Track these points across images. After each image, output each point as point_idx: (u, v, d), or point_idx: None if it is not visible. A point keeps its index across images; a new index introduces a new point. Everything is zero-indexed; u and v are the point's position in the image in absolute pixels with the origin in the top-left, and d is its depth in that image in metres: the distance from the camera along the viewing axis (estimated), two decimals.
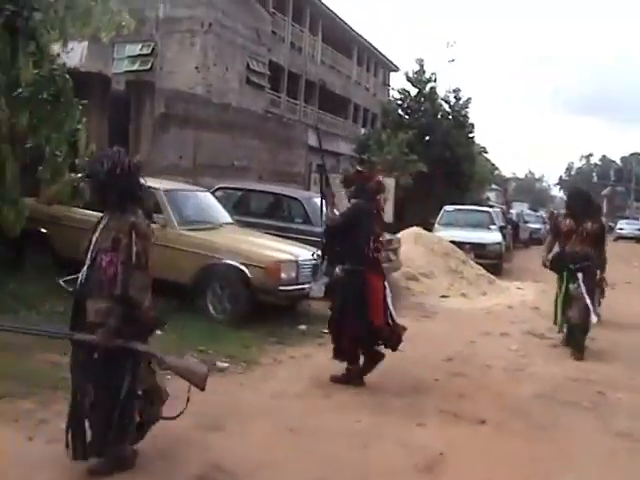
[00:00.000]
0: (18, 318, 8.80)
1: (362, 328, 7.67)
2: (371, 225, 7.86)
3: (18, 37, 9.00)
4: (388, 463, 5.84)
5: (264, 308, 10.33)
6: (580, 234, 10.17)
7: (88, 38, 10.14)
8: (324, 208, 7.99)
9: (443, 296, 14.96)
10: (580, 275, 9.99)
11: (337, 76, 44.41)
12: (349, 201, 8.01)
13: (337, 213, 7.97)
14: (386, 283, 8.01)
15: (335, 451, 5.95)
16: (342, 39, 43.85)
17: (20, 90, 9.13)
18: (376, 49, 50.45)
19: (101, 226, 5.04)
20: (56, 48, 9.90)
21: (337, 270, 7.98)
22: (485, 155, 47.94)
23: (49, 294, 9.93)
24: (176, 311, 9.92)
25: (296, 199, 14.21)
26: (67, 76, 9.63)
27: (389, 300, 7.93)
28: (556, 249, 10.75)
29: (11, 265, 10.80)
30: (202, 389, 5.40)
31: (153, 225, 10.23)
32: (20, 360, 7.39)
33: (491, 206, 31.40)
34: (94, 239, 5.04)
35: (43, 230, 11.23)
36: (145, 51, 29.66)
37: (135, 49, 29.66)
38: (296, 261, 10.54)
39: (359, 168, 8.44)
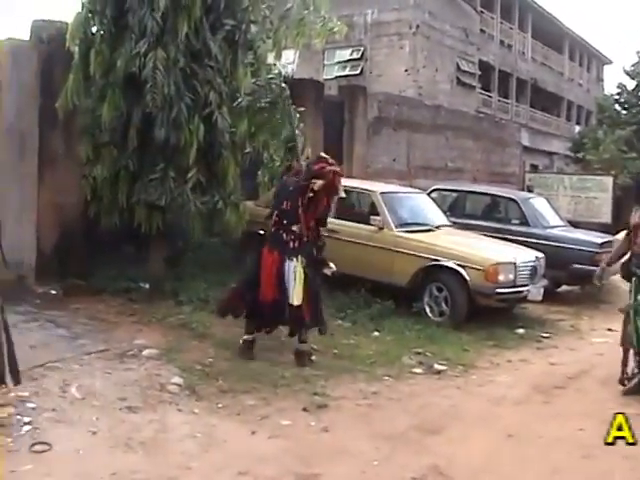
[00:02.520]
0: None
1: (249, 302, 7.73)
2: (281, 200, 7.77)
3: (237, 49, 9.37)
4: (612, 476, 5.58)
5: (481, 310, 10.16)
6: None
7: (301, 46, 10.30)
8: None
9: None
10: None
11: (549, 73, 43.06)
12: None
13: None
14: (291, 263, 7.57)
15: (556, 460, 5.77)
16: (552, 34, 42.44)
17: (240, 99, 9.49)
18: (588, 43, 48.45)
19: None
20: (271, 57, 10.20)
21: None
22: None
23: None
24: (393, 313, 9.99)
25: (513, 200, 13.93)
26: (283, 84, 9.92)
27: (288, 278, 7.54)
28: None
29: (233, 265, 11.27)
30: None
31: (370, 227, 10.58)
32: (239, 358, 7.71)
33: None
34: None
35: (261, 232, 11.63)
36: (355, 56, 30.10)
37: (345, 54, 30.17)
38: (514, 263, 10.29)
39: (323, 155, 7.96)
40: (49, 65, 9.49)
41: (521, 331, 10.17)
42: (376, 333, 9.43)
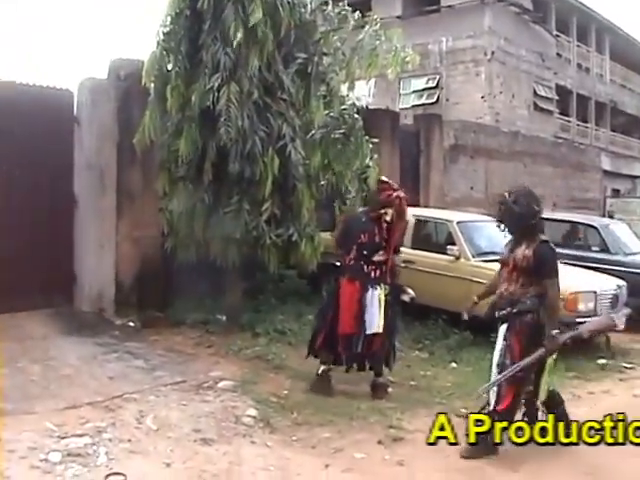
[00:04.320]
0: None
1: (329, 334, 7.61)
2: (356, 234, 7.59)
3: (310, 82, 9.42)
4: None
5: None
6: (508, 265, 6.42)
7: (375, 77, 10.30)
8: None
9: None
10: (502, 329, 6.33)
11: (629, 95, 42.10)
12: None
13: None
14: (372, 292, 7.49)
15: None
16: (631, 55, 41.47)
17: (313, 132, 9.53)
18: None
19: None
20: (345, 89, 10.24)
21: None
22: None
23: None
24: (471, 344, 9.85)
25: (592, 226, 13.66)
26: (356, 115, 9.93)
27: (370, 308, 7.45)
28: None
29: (309, 297, 11.28)
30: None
31: (447, 257, 10.47)
32: (316, 392, 7.64)
33: None
34: None
35: (337, 263, 11.59)
36: (431, 84, 30.01)
37: (421, 83, 30.11)
38: (594, 292, 10.05)
39: (384, 179, 7.90)
40: (126, 102, 9.75)
41: (603, 361, 9.85)
42: (453, 364, 9.30)
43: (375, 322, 7.47)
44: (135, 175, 9.83)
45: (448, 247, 10.81)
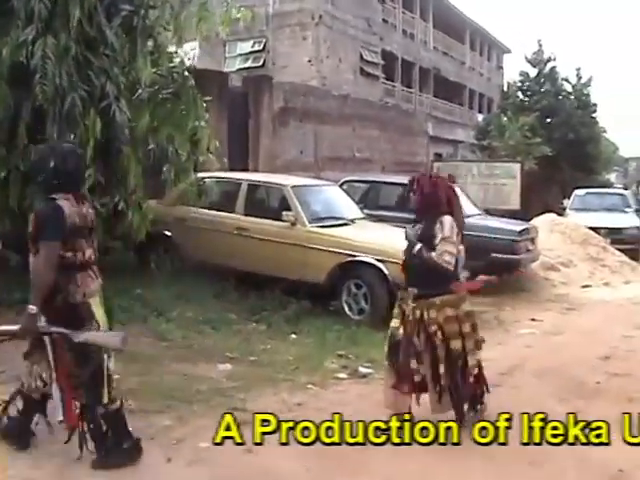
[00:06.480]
0: (147, 325, 8.58)
1: None
2: None
3: (136, 36, 8.73)
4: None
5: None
6: None
7: (203, 35, 9.72)
8: None
9: (585, 286, 13.94)
10: None
11: (451, 62, 43.53)
12: None
13: None
14: None
15: (499, 466, 5.31)
16: (454, 24, 42.95)
17: (140, 91, 8.88)
18: (488, 32, 49.28)
19: None
20: (173, 46, 9.63)
21: None
22: (605, 135, 46.14)
23: (177, 299, 9.68)
24: (310, 313, 9.53)
25: None
26: (187, 73, 9.36)
27: None
28: None
29: (137, 270, 10.61)
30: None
31: (282, 223, 10.07)
32: (150, 372, 7.09)
33: (625, 188, 30.03)
34: None
35: (167, 233, 10.94)
36: (257, 47, 29.71)
37: (247, 46, 29.79)
38: None
39: None
40: None
41: None
42: (293, 335, 8.98)
43: None
44: None
45: (284, 213, 10.39)
